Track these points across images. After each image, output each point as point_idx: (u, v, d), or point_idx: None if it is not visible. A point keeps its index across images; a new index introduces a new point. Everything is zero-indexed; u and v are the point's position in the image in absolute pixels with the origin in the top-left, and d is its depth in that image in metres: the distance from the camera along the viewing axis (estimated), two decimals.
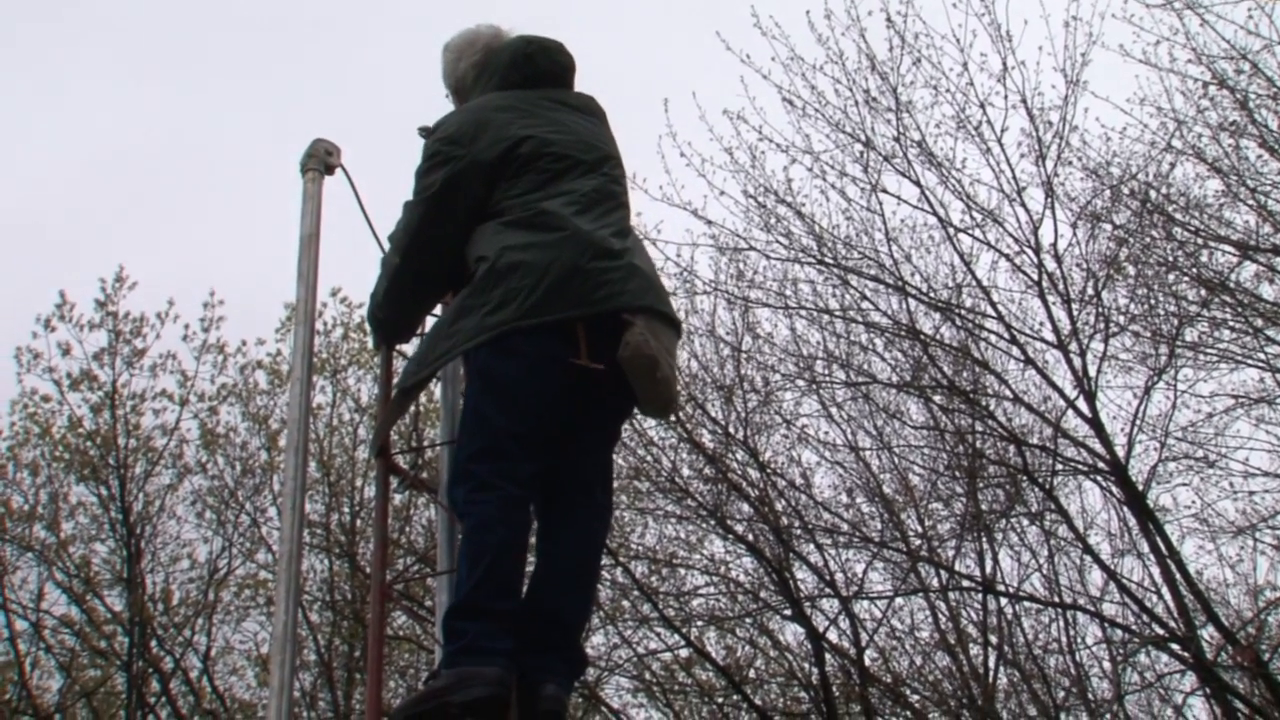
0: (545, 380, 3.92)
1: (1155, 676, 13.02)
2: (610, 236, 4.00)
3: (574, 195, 4.06)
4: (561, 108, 4.40)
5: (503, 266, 3.92)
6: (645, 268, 4.05)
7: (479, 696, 3.65)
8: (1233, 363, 12.04)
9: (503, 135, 4.15)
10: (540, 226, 3.97)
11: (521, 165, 4.12)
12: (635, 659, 12.36)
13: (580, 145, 4.24)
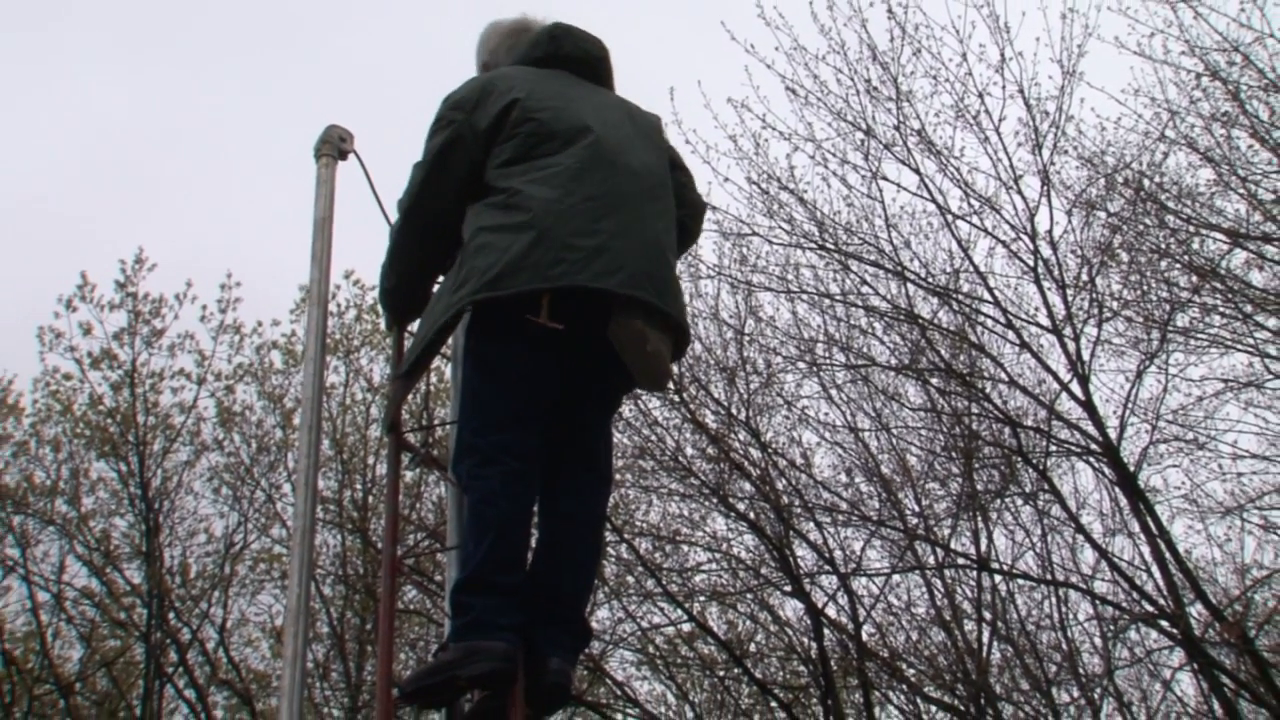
0: (532, 358, 3.92)
1: (1145, 652, 13.06)
2: (581, 215, 3.93)
3: (554, 169, 4.02)
4: (577, 84, 4.37)
5: (472, 248, 3.95)
6: (624, 246, 3.94)
7: (486, 670, 3.66)
8: (1222, 347, 12.04)
9: (499, 99, 4.14)
10: (511, 208, 3.95)
11: (508, 132, 4.09)
12: (639, 633, 12.39)
13: (575, 117, 4.15)
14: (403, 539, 4.54)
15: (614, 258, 3.88)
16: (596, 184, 4.00)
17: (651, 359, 3.96)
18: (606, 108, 4.31)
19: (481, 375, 3.99)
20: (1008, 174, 12.17)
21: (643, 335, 3.91)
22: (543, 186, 3.94)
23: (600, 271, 3.82)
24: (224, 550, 14.33)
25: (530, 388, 3.94)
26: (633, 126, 4.33)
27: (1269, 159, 11.41)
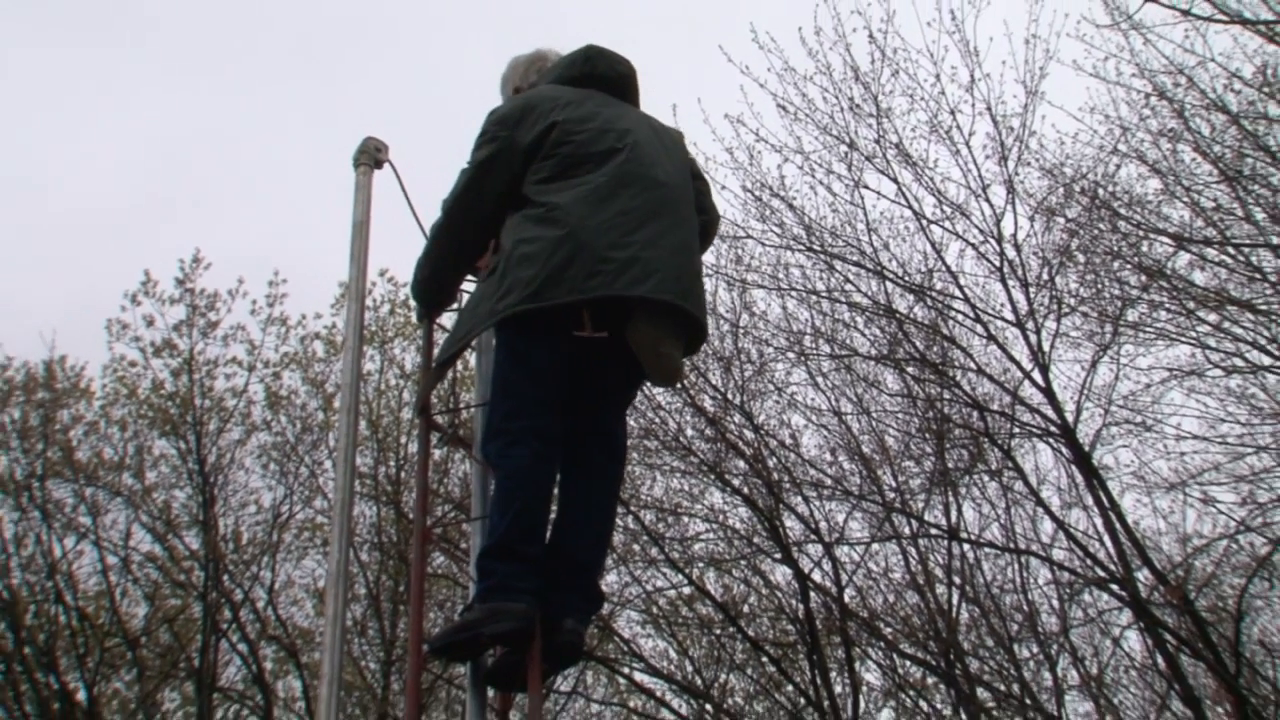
0: (560, 353, 3.93)
1: (1097, 613, 13.07)
2: (615, 229, 3.93)
3: (589, 186, 4.01)
4: (610, 103, 4.36)
5: (515, 259, 3.93)
6: (655, 255, 3.93)
7: (507, 629, 3.69)
8: (1168, 340, 12.02)
9: (541, 119, 4.14)
10: (549, 222, 3.94)
11: (547, 151, 4.09)
12: (644, 595, 12.39)
13: (610, 137, 4.14)
14: (431, 510, 4.56)
15: (645, 267, 3.88)
16: (628, 199, 4.00)
17: (663, 359, 3.97)
18: (636, 125, 4.29)
19: (513, 367, 3.99)
20: (977, 183, 12.22)
21: (657, 339, 3.92)
22: (580, 204, 3.94)
23: (631, 281, 3.83)
24: (272, 520, 14.36)
25: (555, 379, 3.96)
26: (658, 141, 4.32)
27: (1210, 171, 11.42)
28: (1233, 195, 11.38)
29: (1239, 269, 11.49)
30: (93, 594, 13.84)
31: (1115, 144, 11.84)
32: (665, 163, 4.24)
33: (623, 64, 4.51)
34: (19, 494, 13.57)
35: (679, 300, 3.93)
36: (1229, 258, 11.48)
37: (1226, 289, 11.63)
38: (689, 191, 4.33)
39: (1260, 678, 12.79)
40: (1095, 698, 13.23)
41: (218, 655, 13.86)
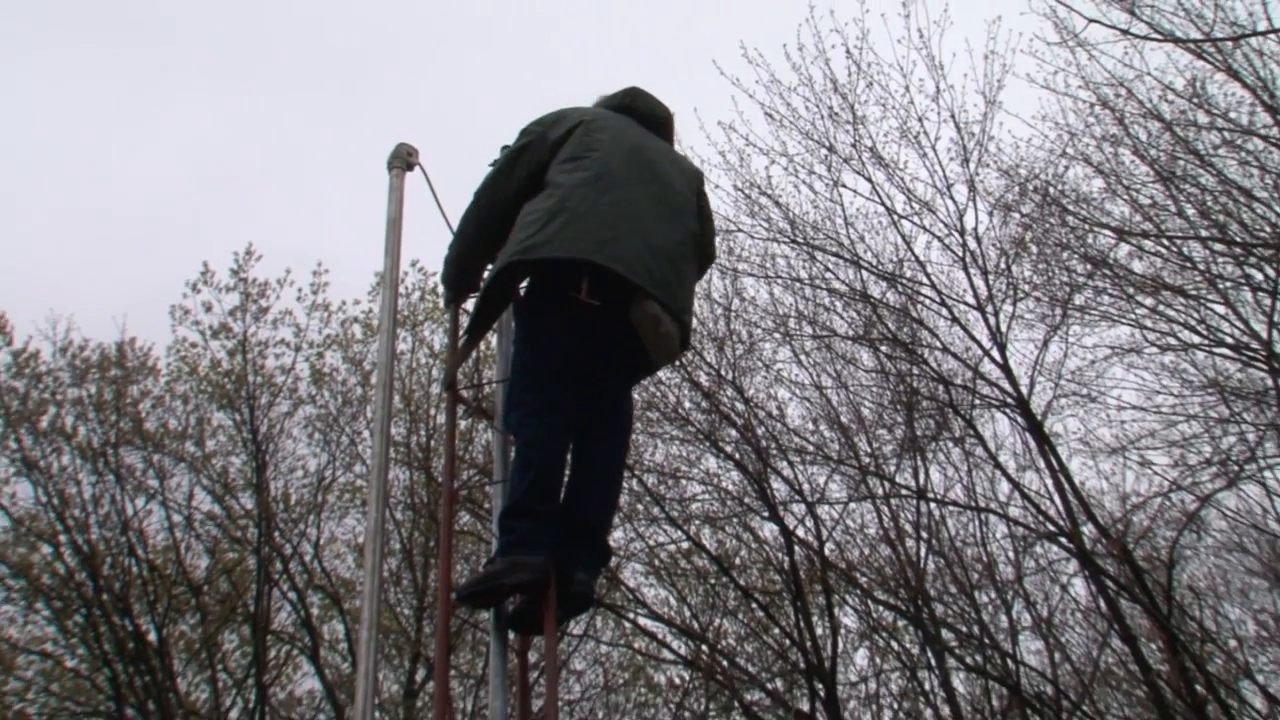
0: (568, 328, 3.96)
1: (1047, 563, 13.14)
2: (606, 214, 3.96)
3: (589, 176, 4.05)
4: (637, 128, 4.42)
5: (518, 225, 4.03)
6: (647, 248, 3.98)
7: (525, 579, 3.74)
8: (1110, 321, 12.09)
9: (570, 121, 4.24)
10: (549, 197, 4.02)
11: (571, 145, 4.16)
12: (647, 550, 12.39)
13: (626, 154, 4.20)
14: (458, 475, 4.58)
15: (622, 249, 3.90)
16: (623, 194, 4.03)
17: (663, 338, 3.99)
18: (654, 149, 4.36)
19: (530, 346, 4.03)
20: (942, 182, 12.26)
21: (657, 319, 3.93)
22: (580, 187, 3.99)
23: (610, 257, 3.85)
24: (317, 483, 14.38)
25: (568, 357, 3.98)
26: (672, 167, 4.38)
27: (1147, 172, 11.46)
28: (1167, 193, 11.43)
29: (1172, 259, 11.57)
30: (161, 548, 13.88)
31: (1064, 148, 11.92)
32: (672, 185, 4.29)
33: (660, 108, 4.58)
34: (96, 460, 13.59)
35: (650, 287, 3.93)
36: (1164, 249, 11.54)
37: (1161, 276, 11.69)
38: (689, 216, 4.35)
39: (1188, 618, 12.82)
40: (1045, 637, 13.27)
41: (270, 602, 13.89)
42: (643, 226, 4.02)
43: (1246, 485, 12.11)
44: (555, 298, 3.92)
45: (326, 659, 13.90)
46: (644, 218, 4.05)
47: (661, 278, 3.99)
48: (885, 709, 14.31)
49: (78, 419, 13.78)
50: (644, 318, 3.91)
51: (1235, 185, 11.10)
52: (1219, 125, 11.10)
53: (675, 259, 4.12)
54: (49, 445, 13.57)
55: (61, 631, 13.58)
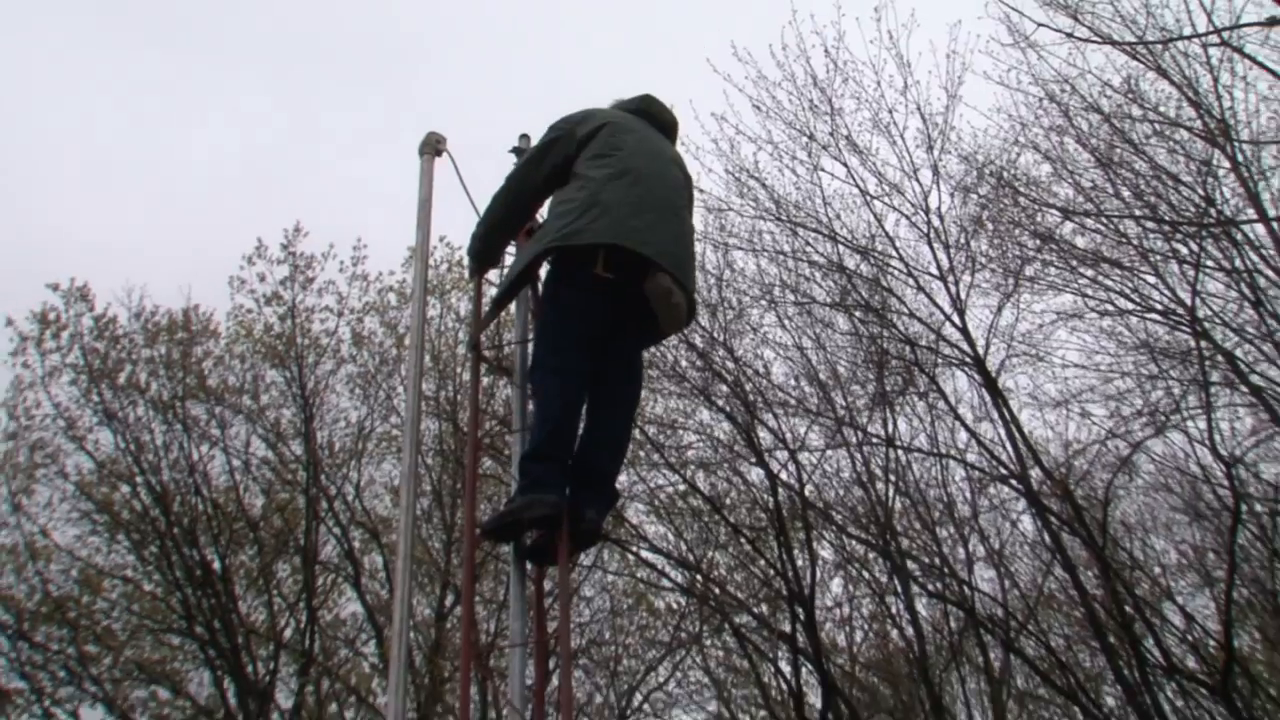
0: (589, 300, 3.97)
1: (999, 502, 13.26)
2: (631, 204, 3.99)
3: (617, 170, 4.08)
4: (652, 130, 4.49)
5: (554, 213, 4.09)
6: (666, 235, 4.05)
7: (541, 515, 3.77)
8: (1056, 290, 12.14)
9: (596, 121, 4.29)
10: (582, 189, 4.04)
11: (599, 143, 4.20)
12: (648, 491, 12.42)
13: (649, 155, 4.26)
14: (481, 425, 4.59)
15: (650, 234, 3.96)
16: (644, 189, 4.09)
17: (674, 309, 4.04)
18: (666, 151, 4.47)
19: (554, 313, 4.05)
20: (909, 167, 12.29)
21: (669, 291, 3.97)
22: (609, 180, 4.04)
23: (639, 241, 3.91)
24: (358, 432, 14.41)
25: (587, 323, 4.00)
26: (677, 168, 4.44)
27: (1088, 158, 11.55)
28: (1105, 177, 11.53)
29: (1110, 235, 11.65)
30: (222, 488, 13.91)
31: (1016, 137, 11.98)
32: (677, 180, 4.37)
33: (669, 115, 4.67)
34: (166, 411, 13.62)
35: (676, 271, 4.01)
36: (1103, 226, 11.62)
37: (1101, 251, 11.75)
38: (689, 210, 4.46)
39: (1121, 549, 12.92)
40: (997, 567, 13.31)
41: (318, 536, 13.95)
42: (661, 216, 4.08)
43: (1172, 433, 12.19)
44: (580, 274, 3.94)
45: (367, 586, 13.97)
46: (662, 209, 4.11)
47: (675, 258, 4.05)
48: (857, 630, 14.43)
49: (150, 376, 13.81)
50: (658, 289, 3.95)
51: (1164, 170, 11.22)
52: (1150, 118, 11.23)
53: (685, 244, 4.21)
54: (126, 399, 13.61)
55: (139, 560, 13.66)
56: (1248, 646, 12.98)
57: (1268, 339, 11.14)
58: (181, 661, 13.75)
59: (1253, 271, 11.16)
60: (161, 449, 13.54)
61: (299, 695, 13.57)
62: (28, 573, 13.31)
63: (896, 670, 14.21)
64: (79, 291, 13.87)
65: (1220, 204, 11.17)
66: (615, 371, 4.16)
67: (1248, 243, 11.15)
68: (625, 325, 4.11)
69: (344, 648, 14.36)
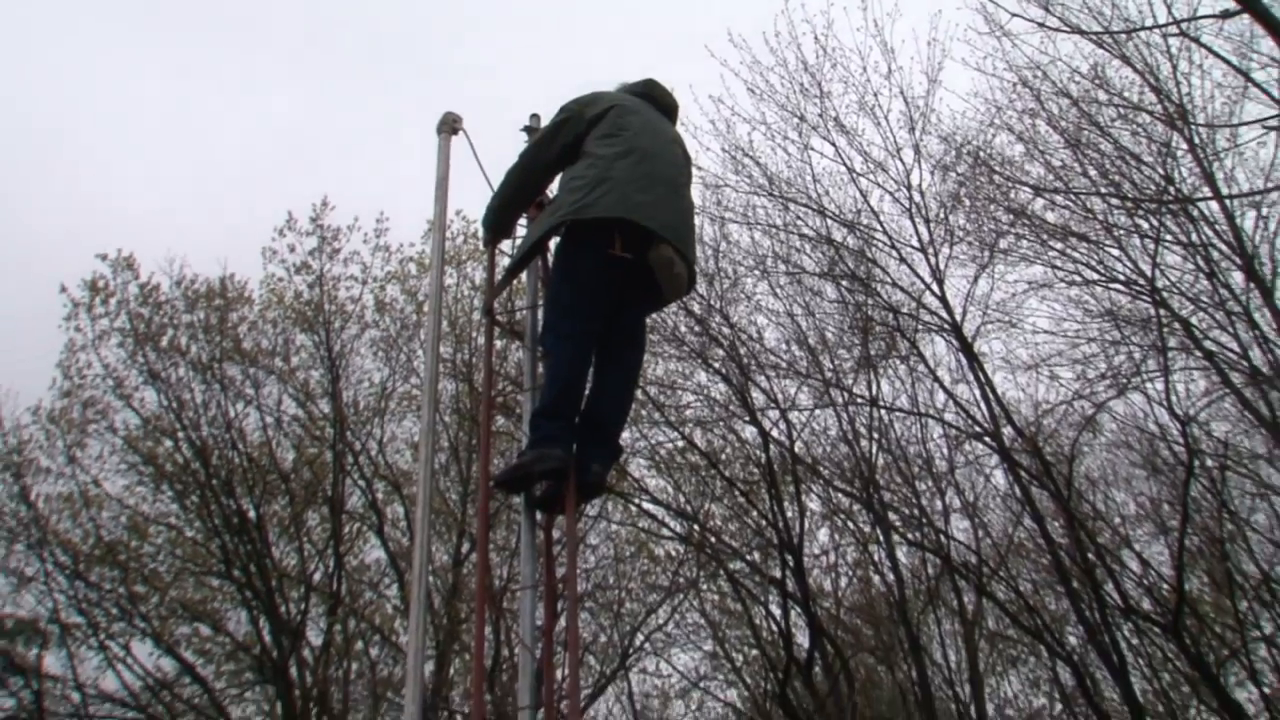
0: (598, 270, 3.94)
1: (974, 458, 13.32)
2: (638, 181, 3.97)
3: (624, 150, 4.05)
4: (655, 112, 4.46)
5: (566, 189, 4.05)
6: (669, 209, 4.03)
7: (550, 467, 3.78)
8: (1028, 261, 12.17)
9: (604, 104, 4.26)
10: (593, 166, 4.02)
11: (607, 123, 4.18)
12: (649, 447, 12.45)
13: (653, 135, 4.24)
14: (494, 385, 4.62)
15: (654, 209, 3.94)
16: (649, 167, 4.06)
17: (676, 279, 4.02)
18: (668, 132, 4.45)
19: (565, 281, 4.03)
20: (892, 147, 12.26)
21: (672, 261, 3.95)
22: (618, 158, 4.01)
23: (645, 216, 3.89)
24: (381, 392, 14.41)
25: (595, 290, 3.99)
26: (678, 148, 4.42)
27: (1058, 139, 11.56)
28: (1074, 157, 11.54)
29: (1078, 211, 11.66)
30: (256, 443, 13.92)
31: (991, 119, 11.97)
32: (679, 160, 4.36)
33: (671, 98, 4.64)
34: (204, 372, 13.62)
35: (678, 242, 3.99)
36: (1071, 203, 11.62)
37: (1069, 225, 11.78)
38: (690, 187, 4.45)
39: (1085, 501, 12.98)
40: (971, 518, 13.39)
41: (344, 488, 13.99)
42: (665, 192, 4.06)
43: (1132, 395, 12.26)
44: (591, 246, 3.92)
45: (389, 534, 14.03)
46: (665, 185, 4.09)
47: (677, 231, 4.03)
48: (842, 576, 14.48)
49: (190, 339, 13.81)
50: (661, 260, 3.93)
51: (1128, 151, 11.26)
52: (1115, 102, 11.27)
53: (686, 218, 4.19)
54: (168, 360, 13.62)
55: (181, 508, 13.71)
56: (1197, 589, 13.07)
57: (1220, 308, 11.28)
58: (221, 601, 13.83)
59: (1207, 245, 11.27)
60: (201, 407, 13.58)
61: (328, 633, 13.66)
62: (82, 519, 13.40)
63: (878, 613, 14.28)
64: (125, 261, 13.85)
65: (1178, 183, 11.24)
66: (620, 336, 4.15)
67: (1203, 219, 11.25)
68: (630, 293, 4.10)
69: (368, 590, 14.44)
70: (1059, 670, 13.53)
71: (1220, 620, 13.18)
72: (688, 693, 15.51)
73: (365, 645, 14.10)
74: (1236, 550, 12.80)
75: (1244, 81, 9.85)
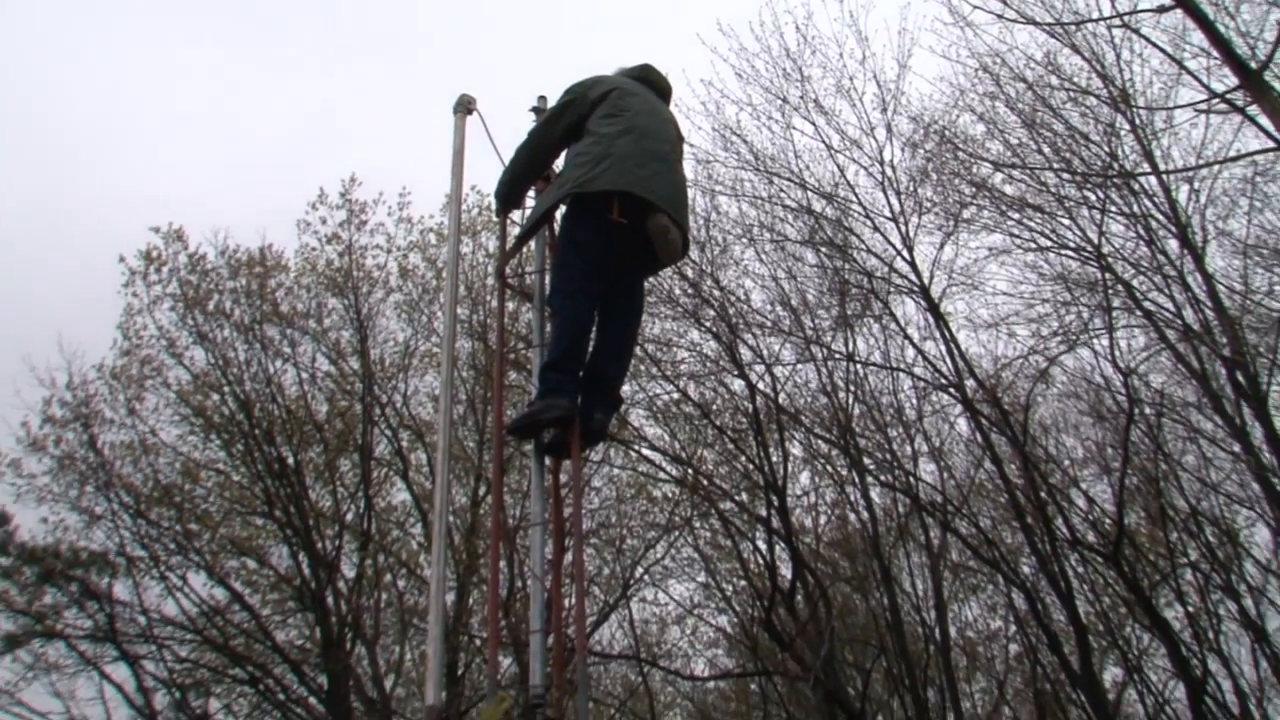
0: (601, 237, 3.93)
1: (940, 407, 13.36)
2: (638, 157, 3.95)
3: (624, 128, 4.04)
4: (652, 94, 4.44)
5: (572, 164, 4.04)
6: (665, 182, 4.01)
7: (557, 415, 3.79)
8: (988, 230, 12.18)
9: (605, 87, 4.24)
10: (597, 144, 4.00)
11: (608, 104, 4.15)
12: (647, 398, 12.47)
13: (650, 115, 4.21)
14: (507, 343, 4.63)
15: (654, 184, 3.94)
16: (649, 144, 4.05)
17: (671, 245, 4.01)
18: (664, 112, 4.44)
19: (571, 248, 4.02)
20: (866, 126, 12.26)
21: (667, 229, 3.94)
22: (619, 136, 4.01)
23: (644, 189, 3.88)
24: (404, 350, 14.37)
25: (598, 256, 3.98)
26: (672, 126, 4.40)
27: (1015, 120, 11.57)
28: (1029, 136, 11.55)
29: (1033, 184, 11.69)
30: (293, 396, 13.92)
31: (956, 101, 11.97)
32: (672, 137, 4.33)
33: (665, 81, 4.63)
34: (246, 333, 13.62)
35: (673, 212, 3.98)
36: (1027, 177, 11.66)
37: (1025, 197, 11.78)
38: (682, 158, 4.43)
39: (1038, 445, 13.06)
40: (937, 461, 13.44)
41: (372, 437, 14.00)
42: (661, 167, 4.04)
43: (1081, 350, 12.43)
44: (594, 215, 3.91)
45: (413, 478, 14.06)
46: (661, 161, 4.07)
47: (672, 202, 4.01)
48: (821, 514, 14.56)
49: (233, 303, 13.79)
50: (658, 228, 3.92)
51: (1077, 131, 11.33)
52: (1066, 87, 11.31)
53: (680, 190, 4.17)
54: (214, 322, 13.62)
55: (228, 455, 13.76)
56: (1135, 523, 13.22)
57: (1158, 272, 11.46)
58: (264, 538, 13.91)
59: (1147, 216, 11.46)
60: (244, 364, 13.59)
61: (359, 567, 13.76)
62: (142, 464, 13.49)
63: (853, 547, 14.37)
64: (176, 233, 13.85)
65: (1122, 159, 11.35)
66: (620, 297, 4.15)
67: (1143, 192, 11.41)
68: (630, 258, 4.09)
69: (395, 529, 14.50)
70: (1014, 596, 13.63)
71: (1154, 550, 13.34)
72: (683, 619, 15.66)
73: (393, 577, 14.19)
74: (1169, 488, 12.99)
75: (1178, 69, 9.96)
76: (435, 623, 3.20)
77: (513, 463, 11.49)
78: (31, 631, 12.66)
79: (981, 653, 16.01)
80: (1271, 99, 7.51)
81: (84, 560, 12.92)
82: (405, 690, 14.25)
